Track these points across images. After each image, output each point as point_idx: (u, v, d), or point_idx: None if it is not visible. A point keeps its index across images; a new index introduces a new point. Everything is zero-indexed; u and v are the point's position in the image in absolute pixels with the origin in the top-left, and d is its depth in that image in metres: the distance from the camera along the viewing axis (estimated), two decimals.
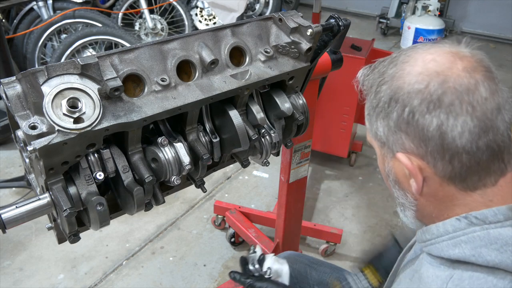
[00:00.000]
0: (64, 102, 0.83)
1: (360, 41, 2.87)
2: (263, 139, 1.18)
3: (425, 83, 0.72)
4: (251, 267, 1.31)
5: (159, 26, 4.32)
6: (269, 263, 1.32)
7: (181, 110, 1.00)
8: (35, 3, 3.63)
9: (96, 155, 0.94)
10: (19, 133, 0.94)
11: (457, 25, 5.80)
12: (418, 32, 5.00)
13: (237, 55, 1.14)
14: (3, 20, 3.69)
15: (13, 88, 0.85)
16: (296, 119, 1.21)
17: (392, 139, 0.77)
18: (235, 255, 2.44)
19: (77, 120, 0.84)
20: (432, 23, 4.98)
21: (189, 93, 1.01)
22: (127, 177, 0.97)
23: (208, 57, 1.04)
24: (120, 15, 4.18)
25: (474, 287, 0.70)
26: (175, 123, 1.08)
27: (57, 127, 0.82)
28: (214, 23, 4.72)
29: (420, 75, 0.73)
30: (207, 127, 1.15)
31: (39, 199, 0.92)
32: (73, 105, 0.85)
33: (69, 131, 0.83)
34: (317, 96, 1.64)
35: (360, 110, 2.87)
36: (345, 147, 2.95)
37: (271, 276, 1.29)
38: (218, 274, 2.32)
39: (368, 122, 0.83)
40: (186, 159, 1.02)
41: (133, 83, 0.98)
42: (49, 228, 1.07)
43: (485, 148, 0.71)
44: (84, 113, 0.85)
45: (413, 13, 5.24)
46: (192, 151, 1.08)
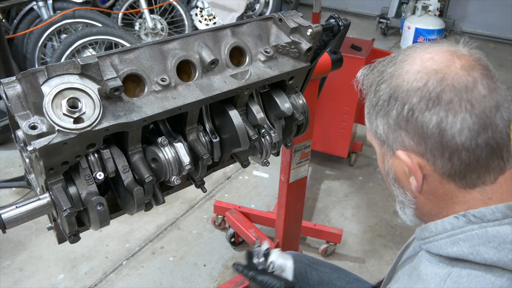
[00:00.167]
0: (64, 102, 0.83)
1: (360, 41, 2.87)
2: (263, 139, 1.18)
3: (423, 81, 0.72)
4: (255, 261, 1.32)
5: (159, 26, 4.32)
6: (274, 258, 1.32)
7: (181, 110, 1.00)
8: (35, 3, 3.63)
9: (96, 155, 0.94)
10: (19, 133, 0.94)
11: (457, 25, 5.80)
12: (418, 32, 5.00)
13: (237, 55, 1.14)
14: (3, 20, 3.69)
15: (13, 88, 0.85)
16: (296, 119, 1.21)
17: (392, 137, 0.77)
18: (235, 255, 2.44)
19: (77, 120, 0.84)
20: (432, 23, 4.98)
21: (189, 93, 1.01)
22: (127, 177, 0.97)
23: (208, 57, 1.04)
24: (120, 15, 4.18)
25: (472, 285, 0.71)
26: (175, 123, 1.08)
27: (57, 127, 0.82)
28: (214, 23, 4.72)
29: (419, 73, 0.73)
30: (207, 127, 1.15)
31: (39, 199, 0.92)
32: (73, 105, 0.85)
33: (69, 131, 0.83)
34: (317, 96, 1.64)
35: (360, 110, 2.87)
36: (345, 147, 2.95)
37: (274, 270, 1.29)
38: (218, 274, 2.32)
39: (368, 120, 0.83)
40: (186, 159, 1.02)
41: (133, 83, 0.98)
42: (49, 228, 1.07)
43: (484, 145, 0.71)
44: (84, 113, 0.85)
45: (413, 13, 5.24)
46: (192, 151, 1.08)
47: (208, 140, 1.14)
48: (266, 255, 1.33)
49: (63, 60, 3.07)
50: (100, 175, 0.93)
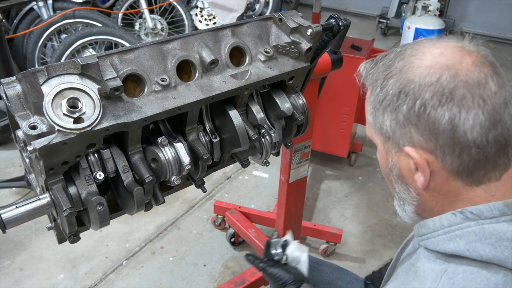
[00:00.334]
0: (64, 102, 0.83)
1: (360, 41, 2.87)
2: (263, 139, 1.18)
3: (436, 76, 0.71)
4: (273, 251, 1.32)
5: (159, 26, 4.32)
6: (290, 250, 1.32)
7: (181, 110, 1.00)
8: (35, 3, 3.63)
9: (96, 155, 0.94)
10: (19, 133, 0.94)
11: (457, 25, 5.80)
12: (418, 32, 4.99)
13: (237, 55, 1.13)
14: (3, 20, 3.69)
15: (13, 88, 0.85)
16: (296, 119, 1.21)
17: (400, 133, 0.76)
18: (235, 255, 2.44)
19: (77, 120, 0.84)
20: (432, 23, 4.98)
21: (189, 93, 1.01)
22: (127, 177, 0.97)
23: (208, 57, 1.04)
24: (120, 15, 4.18)
25: (467, 281, 0.71)
26: (175, 123, 1.08)
27: (57, 127, 0.82)
28: (214, 23, 4.72)
29: (431, 68, 0.73)
30: (207, 127, 1.15)
31: (39, 199, 0.92)
32: (73, 105, 0.85)
33: (69, 131, 0.83)
34: (317, 96, 1.64)
35: (360, 110, 2.87)
36: (345, 147, 2.95)
37: (288, 262, 1.29)
38: (218, 274, 2.32)
39: (372, 116, 0.81)
40: (186, 159, 1.02)
41: (133, 83, 0.98)
42: (49, 228, 1.07)
43: (493, 141, 0.71)
44: (84, 113, 0.85)
45: (413, 13, 5.23)
46: (192, 151, 1.07)
47: (208, 140, 1.14)
48: (284, 246, 1.33)
49: (63, 60, 3.07)
50: (100, 175, 0.93)
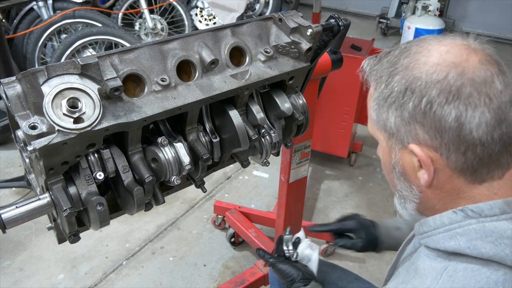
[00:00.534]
0: (64, 102, 0.83)
1: (360, 41, 2.87)
2: (263, 139, 1.18)
3: (443, 73, 0.71)
4: (284, 248, 1.32)
5: (159, 26, 4.32)
6: (302, 247, 1.32)
7: (181, 110, 1.00)
8: (35, 3, 3.63)
9: (96, 155, 0.94)
10: (19, 133, 0.94)
11: (457, 25, 5.80)
12: (418, 32, 4.99)
13: (237, 55, 1.13)
14: (3, 20, 3.69)
15: (13, 88, 0.85)
16: (296, 119, 1.21)
17: (404, 130, 0.76)
18: (235, 255, 2.44)
19: (77, 120, 0.84)
20: (432, 23, 4.97)
21: (189, 93, 1.01)
22: (127, 177, 0.97)
23: (208, 57, 1.04)
24: (120, 15, 4.18)
25: (467, 278, 0.71)
26: (175, 123, 1.08)
27: (57, 127, 0.82)
28: (214, 23, 4.72)
29: (438, 66, 0.72)
30: (207, 127, 1.15)
31: (39, 199, 0.92)
32: (73, 105, 0.85)
33: (69, 131, 0.83)
34: (317, 96, 1.64)
35: (360, 110, 2.87)
36: (345, 147, 2.95)
37: (298, 260, 1.28)
38: (218, 274, 2.32)
39: (376, 113, 0.81)
40: (186, 159, 1.02)
41: (133, 83, 0.98)
42: (49, 228, 1.07)
43: (498, 140, 0.71)
44: (84, 113, 0.85)
45: (413, 13, 5.23)
46: (192, 151, 1.07)
47: (208, 140, 1.14)
48: (296, 243, 1.33)
49: (63, 60, 3.07)
50: (100, 175, 0.93)
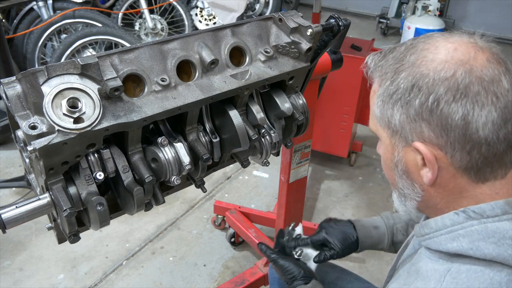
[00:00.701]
0: (64, 102, 0.83)
1: (360, 41, 2.87)
2: (263, 139, 1.18)
3: (451, 71, 0.71)
4: (288, 243, 1.30)
5: (159, 26, 4.32)
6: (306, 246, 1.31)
7: (181, 110, 1.00)
8: (35, 3, 3.63)
9: (96, 155, 0.94)
10: (19, 133, 0.94)
11: (457, 25, 5.79)
12: (418, 32, 4.99)
13: (237, 55, 1.13)
14: (3, 20, 3.69)
15: (13, 88, 0.85)
16: (296, 119, 1.21)
17: (409, 128, 0.75)
18: (235, 255, 2.44)
19: (77, 120, 0.84)
20: (432, 23, 4.98)
21: (189, 93, 1.01)
22: (127, 177, 0.97)
23: (208, 57, 1.04)
24: (120, 15, 4.18)
25: (471, 280, 0.71)
26: (175, 123, 1.08)
27: (57, 127, 0.82)
28: (214, 23, 4.72)
29: (446, 63, 0.72)
30: (207, 127, 1.15)
31: (39, 199, 0.92)
32: (73, 105, 0.85)
33: (69, 131, 0.83)
34: (317, 96, 1.64)
35: (360, 110, 2.87)
36: (345, 147, 2.95)
37: (300, 258, 1.27)
38: (218, 274, 2.32)
39: (380, 109, 0.80)
40: (186, 159, 1.02)
41: (133, 83, 0.98)
42: (49, 228, 1.07)
43: (503, 139, 0.71)
44: (84, 113, 0.85)
45: (413, 13, 5.23)
46: (192, 151, 1.07)
47: (208, 140, 1.14)
48: (297, 239, 1.31)
49: (63, 60, 3.07)
50: (100, 175, 0.93)
